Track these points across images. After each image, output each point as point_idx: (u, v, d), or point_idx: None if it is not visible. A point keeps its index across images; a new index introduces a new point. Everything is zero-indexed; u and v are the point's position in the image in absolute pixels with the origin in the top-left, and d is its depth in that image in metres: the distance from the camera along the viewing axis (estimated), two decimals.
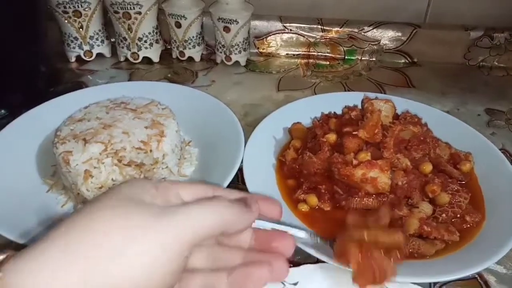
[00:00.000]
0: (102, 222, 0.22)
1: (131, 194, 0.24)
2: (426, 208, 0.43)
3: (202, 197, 0.27)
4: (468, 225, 0.44)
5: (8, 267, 0.21)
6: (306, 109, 0.58)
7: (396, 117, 0.53)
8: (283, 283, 0.37)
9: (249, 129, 0.55)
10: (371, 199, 0.43)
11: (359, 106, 0.57)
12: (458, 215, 0.44)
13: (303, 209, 0.45)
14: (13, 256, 0.22)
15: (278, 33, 0.78)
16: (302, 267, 0.39)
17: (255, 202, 0.27)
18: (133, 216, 0.23)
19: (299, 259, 0.43)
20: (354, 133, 0.47)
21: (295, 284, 0.38)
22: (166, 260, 0.23)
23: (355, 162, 0.43)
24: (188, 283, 0.27)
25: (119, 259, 0.22)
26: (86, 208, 0.24)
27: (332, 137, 0.49)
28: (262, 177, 0.49)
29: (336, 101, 0.59)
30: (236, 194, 0.29)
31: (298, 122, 0.56)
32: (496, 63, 0.78)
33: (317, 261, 0.40)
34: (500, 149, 0.54)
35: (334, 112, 0.57)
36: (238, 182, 0.50)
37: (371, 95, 0.58)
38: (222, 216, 0.25)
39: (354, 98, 0.59)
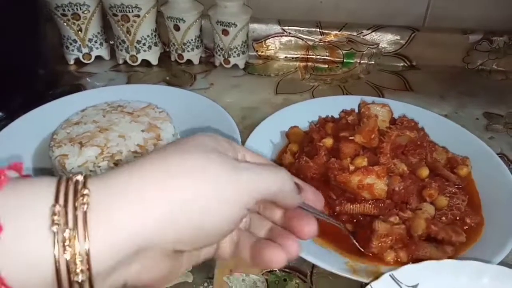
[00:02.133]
0: (188, 161, 0.24)
1: (211, 144, 0.26)
2: (429, 209, 0.43)
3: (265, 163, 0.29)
4: (468, 227, 0.44)
5: (92, 188, 0.22)
6: (304, 113, 0.58)
7: (393, 121, 0.53)
8: (399, 284, 0.32)
9: (247, 132, 0.55)
10: (368, 205, 0.43)
11: (357, 110, 0.57)
12: (458, 217, 0.44)
13: None
14: (92, 177, 0.23)
15: (277, 36, 0.78)
16: (422, 264, 0.33)
17: (302, 189, 0.30)
18: (213, 162, 0.24)
19: (295, 263, 0.43)
20: (350, 138, 0.47)
21: (414, 286, 0.32)
22: (233, 208, 0.24)
23: (351, 168, 0.43)
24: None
25: (195, 198, 0.23)
26: (172, 147, 0.25)
27: (328, 141, 0.49)
28: None
29: (334, 105, 0.59)
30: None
31: (295, 126, 0.56)
32: (495, 67, 0.78)
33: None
34: (498, 154, 0.54)
35: (332, 116, 0.57)
36: None
37: (369, 99, 0.58)
38: (283, 186, 0.27)
39: (352, 102, 0.59)
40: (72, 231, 0.20)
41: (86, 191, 0.21)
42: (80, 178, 0.22)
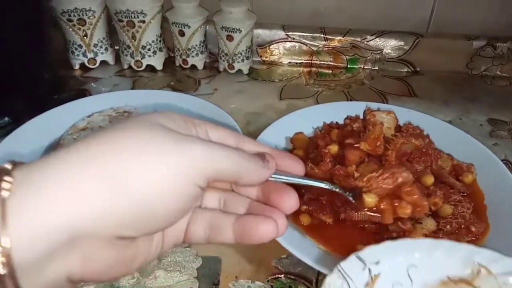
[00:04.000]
0: (127, 139, 0.23)
1: (158, 121, 0.24)
2: (429, 224, 0.43)
3: (227, 144, 0.27)
4: (473, 237, 0.44)
5: (18, 175, 0.20)
6: (308, 119, 0.58)
7: (398, 128, 0.53)
8: (363, 263, 0.34)
9: (251, 137, 0.55)
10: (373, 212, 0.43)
11: (361, 116, 0.57)
12: (462, 226, 0.44)
13: (304, 220, 0.45)
14: (22, 165, 0.21)
15: (281, 41, 0.79)
16: (382, 244, 0.35)
17: (272, 159, 0.28)
18: (156, 136, 0.23)
19: (300, 270, 0.43)
20: (355, 145, 0.47)
21: (376, 263, 0.34)
22: (179, 183, 0.23)
23: (356, 175, 0.43)
24: (197, 217, 0.27)
25: (137, 172, 0.22)
26: (112, 128, 0.24)
27: (334, 148, 0.49)
28: None
29: (338, 111, 0.59)
30: (259, 147, 0.29)
31: (300, 132, 0.56)
32: (499, 73, 0.78)
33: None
34: (502, 160, 0.54)
35: (336, 122, 0.57)
36: None
37: (374, 105, 0.58)
38: (238, 166, 0.25)
39: (356, 108, 0.59)
40: None
41: (8, 178, 0.20)
42: (8, 166, 0.21)
